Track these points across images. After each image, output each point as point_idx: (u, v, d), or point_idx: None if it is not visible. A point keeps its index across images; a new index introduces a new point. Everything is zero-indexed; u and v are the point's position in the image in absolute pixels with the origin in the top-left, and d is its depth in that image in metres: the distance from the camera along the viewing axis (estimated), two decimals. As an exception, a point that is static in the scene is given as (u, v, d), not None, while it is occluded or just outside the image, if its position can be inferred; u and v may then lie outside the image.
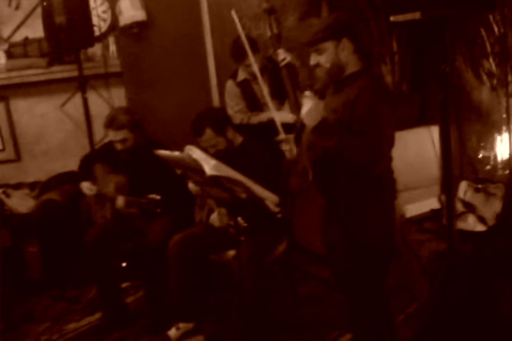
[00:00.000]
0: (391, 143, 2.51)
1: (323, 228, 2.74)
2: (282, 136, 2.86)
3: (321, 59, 2.45)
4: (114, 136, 3.65)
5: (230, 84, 4.26)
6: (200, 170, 2.54)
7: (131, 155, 3.73)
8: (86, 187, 3.78)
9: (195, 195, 3.49)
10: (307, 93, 2.45)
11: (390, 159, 2.56)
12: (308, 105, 2.39)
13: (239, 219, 2.91)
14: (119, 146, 3.68)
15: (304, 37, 2.52)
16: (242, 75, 4.18)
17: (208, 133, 3.33)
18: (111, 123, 3.62)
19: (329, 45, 2.42)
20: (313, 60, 2.48)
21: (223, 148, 3.40)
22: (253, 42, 4.04)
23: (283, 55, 3.91)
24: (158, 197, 3.45)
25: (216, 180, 2.58)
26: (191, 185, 3.45)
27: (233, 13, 3.47)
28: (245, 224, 2.93)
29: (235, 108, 4.21)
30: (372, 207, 2.50)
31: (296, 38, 4.36)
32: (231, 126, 3.46)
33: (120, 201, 3.61)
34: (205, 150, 3.23)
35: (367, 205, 2.50)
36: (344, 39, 2.41)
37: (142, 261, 3.71)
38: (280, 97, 4.17)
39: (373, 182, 2.47)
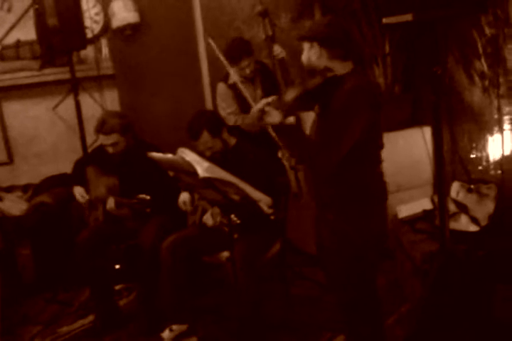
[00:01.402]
0: (376, 145, 2.51)
1: (316, 229, 2.75)
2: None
3: (302, 57, 2.53)
4: (105, 140, 3.65)
5: (221, 87, 4.26)
6: (193, 173, 2.54)
7: (123, 157, 3.72)
8: (79, 193, 3.78)
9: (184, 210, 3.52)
10: None
11: (378, 162, 2.56)
12: None
13: (232, 216, 2.91)
14: (110, 150, 3.67)
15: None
16: (234, 77, 4.18)
17: (205, 136, 3.33)
18: (101, 127, 3.61)
19: (305, 45, 2.50)
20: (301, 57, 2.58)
21: (219, 150, 3.40)
22: (247, 45, 4.06)
23: (278, 50, 3.97)
24: (148, 197, 3.45)
25: (209, 182, 2.58)
26: (181, 202, 3.47)
27: (210, 40, 3.52)
28: (238, 221, 2.93)
29: (227, 110, 4.20)
30: (358, 210, 2.50)
31: (288, 39, 4.37)
32: (225, 127, 3.47)
33: (111, 202, 3.61)
34: (201, 153, 3.23)
35: (352, 207, 2.50)
36: (314, 43, 2.46)
37: (135, 263, 3.70)
38: None
39: (358, 184, 2.48)
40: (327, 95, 2.41)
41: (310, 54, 2.48)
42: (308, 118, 2.61)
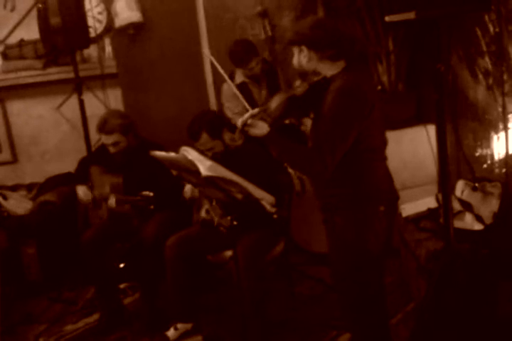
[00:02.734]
0: (376, 144, 2.49)
1: (326, 231, 2.74)
2: None
3: (293, 60, 2.53)
4: (106, 139, 3.67)
5: (227, 87, 4.23)
6: (195, 171, 2.54)
7: (125, 156, 3.73)
8: (82, 191, 3.79)
9: (189, 198, 3.50)
10: None
11: (381, 160, 2.55)
12: None
13: (228, 218, 2.90)
14: (111, 149, 3.69)
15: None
16: (239, 78, 4.17)
17: (204, 137, 3.31)
18: (102, 127, 3.63)
19: (294, 49, 2.49)
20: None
21: (220, 151, 3.38)
22: (252, 45, 4.05)
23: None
24: (151, 194, 3.46)
25: (212, 181, 2.58)
26: (187, 190, 3.46)
27: (207, 51, 3.49)
28: (235, 223, 2.91)
29: (234, 110, 4.18)
30: (364, 210, 2.48)
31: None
32: (227, 128, 3.44)
33: (112, 200, 3.61)
34: (202, 152, 3.23)
35: (357, 208, 2.48)
36: (302, 46, 2.45)
37: (138, 261, 3.71)
38: None
39: (360, 184, 2.47)
40: (317, 99, 2.39)
41: (300, 58, 2.47)
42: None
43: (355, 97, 2.34)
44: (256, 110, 2.41)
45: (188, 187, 3.48)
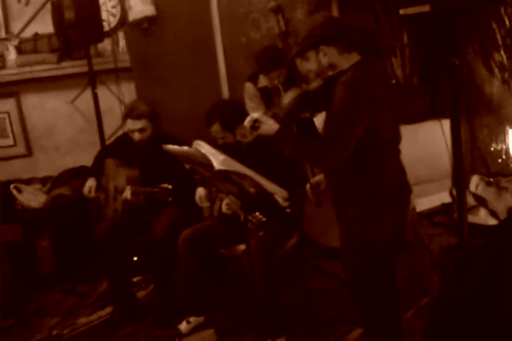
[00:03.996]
0: (389, 138, 2.48)
1: (338, 224, 2.74)
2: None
3: (308, 65, 2.51)
4: (132, 124, 3.69)
5: (250, 86, 4.21)
6: (208, 165, 2.54)
7: (146, 148, 3.76)
8: (89, 186, 3.81)
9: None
10: None
11: (395, 155, 2.54)
12: None
13: (257, 214, 2.89)
14: (137, 136, 3.70)
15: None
16: (263, 82, 4.14)
17: (216, 126, 3.35)
18: (130, 112, 3.68)
19: (310, 54, 2.48)
20: (306, 66, 2.53)
21: (231, 142, 3.41)
22: (279, 55, 4.00)
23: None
24: (170, 187, 3.48)
25: (225, 175, 2.58)
26: (197, 198, 3.49)
27: None
28: (264, 219, 2.91)
29: (256, 111, 4.15)
30: (376, 205, 2.47)
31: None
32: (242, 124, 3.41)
33: (127, 191, 3.63)
34: (213, 139, 3.29)
35: (370, 202, 2.47)
36: (321, 46, 2.44)
37: (151, 254, 3.72)
38: None
39: (373, 178, 2.46)
40: (331, 94, 2.38)
41: (319, 59, 2.46)
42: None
43: (362, 87, 2.34)
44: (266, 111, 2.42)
45: (198, 194, 3.51)
